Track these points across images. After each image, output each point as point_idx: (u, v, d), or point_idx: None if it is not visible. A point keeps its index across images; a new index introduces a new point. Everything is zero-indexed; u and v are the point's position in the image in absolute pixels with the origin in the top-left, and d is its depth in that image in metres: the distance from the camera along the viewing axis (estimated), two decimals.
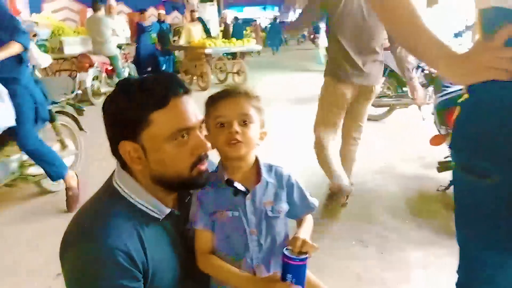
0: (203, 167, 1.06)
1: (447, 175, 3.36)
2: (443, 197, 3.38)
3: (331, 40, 2.94)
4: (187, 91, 1.04)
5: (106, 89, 7.60)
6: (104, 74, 7.49)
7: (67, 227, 1.03)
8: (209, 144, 1.07)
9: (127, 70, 8.09)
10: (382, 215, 3.10)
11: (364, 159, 4.19)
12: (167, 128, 0.99)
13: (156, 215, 1.05)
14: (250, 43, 9.60)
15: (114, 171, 1.09)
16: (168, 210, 1.06)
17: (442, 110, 2.89)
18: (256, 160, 1.17)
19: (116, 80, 7.74)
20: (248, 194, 1.10)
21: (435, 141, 3.00)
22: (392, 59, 5.56)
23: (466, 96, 1.26)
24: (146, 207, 1.04)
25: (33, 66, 6.01)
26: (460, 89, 2.84)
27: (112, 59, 7.53)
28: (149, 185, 1.05)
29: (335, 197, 3.13)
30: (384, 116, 5.97)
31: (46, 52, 7.24)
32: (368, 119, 5.81)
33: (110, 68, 7.59)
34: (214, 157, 1.19)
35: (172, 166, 1.02)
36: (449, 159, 3.33)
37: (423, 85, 4.56)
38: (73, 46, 8.46)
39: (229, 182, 1.09)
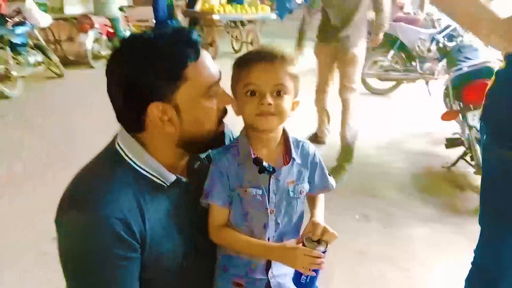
0: (224, 123, 1.02)
1: (454, 152, 3.30)
2: (449, 174, 3.32)
3: (322, 10, 3.50)
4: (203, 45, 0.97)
5: (106, 52, 7.42)
6: (104, 37, 7.29)
7: (64, 191, 0.94)
8: (230, 97, 1.00)
9: (128, 33, 7.87)
10: (386, 190, 3.04)
11: (369, 133, 4.12)
12: (203, 82, 0.92)
13: (160, 183, 0.96)
14: (264, 11, 8.57)
15: (115, 135, 0.99)
16: (174, 178, 0.97)
17: (458, 85, 2.78)
18: (285, 134, 1.07)
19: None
20: (273, 173, 1.01)
21: (447, 116, 2.90)
22: (403, 32, 5.48)
23: (502, 65, 1.17)
24: (151, 174, 0.95)
25: (32, 25, 5.84)
26: (479, 63, 2.73)
27: (113, 21, 7.31)
28: (164, 149, 0.96)
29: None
30: (391, 91, 5.84)
31: (46, 11, 7.00)
32: (374, 93, 5.83)
33: (111, 30, 7.37)
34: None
35: (207, 123, 0.96)
36: (457, 135, 3.25)
37: (435, 59, 4.43)
38: (74, 6, 8.18)
39: (257, 162, 0.99)
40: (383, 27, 3.51)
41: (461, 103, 2.81)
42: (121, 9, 7.61)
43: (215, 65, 0.96)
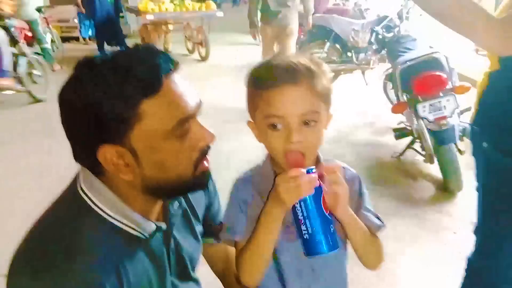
0: (206, 163, 0.82)
1: (400, 141, 3.36)
2: (399, 164, 3.37)
3: None
4: (176, 66, 0.76)
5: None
6: (22, 41, 6.66)
7: (18, 247, 0.75)
8: (213, 134, 0.80)
9: (49, 36, 7.28)
10: None
11: None
12: (164, 121, 0.73)
13: (138, 234, 0.80)
14: (209, 8, 7.53)
15: (77, 175, 0.81)
16: (153, 227, 0.81)
17: (406, 77, 2.81)
18: (317, 158, 0.90)
19: (37, 47, 6.94)
20: None
21: (397, 109, 2.93)
22: (337, 24, 5.55)
23: (495, 67, 1.12)
24: (126, 224, 0.78)
25: None
26: (426, 55, 2.78)
27: (31, 23, 6.70)
28: (132, 196, 0.79)
29: None
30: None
31: None
32: None
33: (29, 34, 6.76)
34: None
35: (173, 169, 0.77)
36: (402, 125, 3.31)
37: (375, 50, 4.51)
38: None
39: None
40: (310, 11, 4.72)
41: (409, 95, 2.85)
42: (39, 10, 6.99)
43: (191, 92, 0.77)
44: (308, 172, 0.76)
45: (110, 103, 0.69)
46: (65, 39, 8.84)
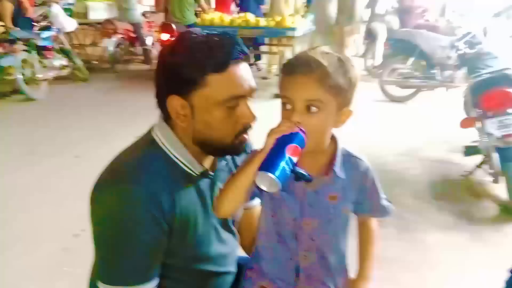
0: (246, 136, 1.03)
1: (472, 160, 3.28)
2: (466, 182, 3.29)
3: None
4: (247, 58, 0.99)
5: (129, 57, 7.60)
6: (127, 42, 7.47)
7: (101, 172, 1.01)
8: (255, 116, 1.00)
9: (150, 38, 8.03)
10: (403, 197, 3.04)
11: (387, 141, 4.13)
12: (220, 93, 0.95)
13: (190, 172, 1.02)
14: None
15: (153, 124, 1.06)
16: (202, 169, 1.03)
17: (477, 92, 2.78)
18: (334, 145, 1.01)
19: (139, 48, 7.72)
20: (310, 182, 0.95)
21: (466, 123, 2.90)
22: (423, 39, 5.45)
23: None
24: (182, 162, 1.01)
25: (58, 29, 6.03)
26: (498, 70, 2.73)
27: (135, 26, 7.48)
28: (189, 143, 1.02)
29: None
30: (409, 98, 5.80)
31: (71, 16, 7.23)
32: (393, 100, 5.81)
33: (134, 35, 7.54)
34: None
35: (217, 131, 0.98)
36: (476, 143, 3.23)
37: (455, 66, 4.40)
38: (98, 12, 8.44)
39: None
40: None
41: (479, 110, 2.80)
42: (143, 14, 7.79)
43: (249, 79, 0.98)
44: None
45: (188, 66, 0.93)
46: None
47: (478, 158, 3.19)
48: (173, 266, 1.03)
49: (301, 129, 0.90)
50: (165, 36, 6.07)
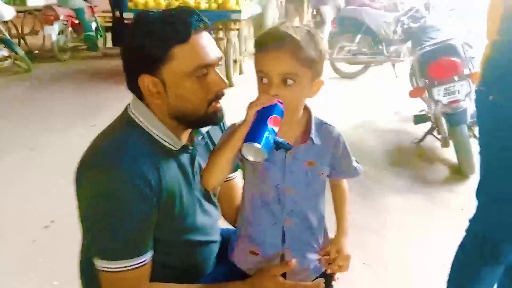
0: (218, 105, 1.05)
1: (422, 128, 3.50)
2: (418, 149, 3.53)
3: None
4: (207, 26, 1.01)
5: (73, 44, 7.27)
6: (70, 28, 7.13)
7: (83, 154, 1.01)
8: (226, 82, 1.03)
9: (94, 24, 7.72)
10: (363, 166, 3.15)
11: (343, 115, 4.29)
12: (188, 64, 0.97)
13: (171, 147, 1.04)
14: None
15: (128, 104, 1.07)
16: (182, 143, 1.06)
17: (424, 63, 2.95)
18: (308, 114, 1.08)
19: (83, 34, 7.40)
20: (290, 150, 1.02)
21: (414, 93, 3.08)
22: (368, 16, 5.65)
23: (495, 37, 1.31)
24: (161, 138, 1.03)
25: None
26: (442, 41, 2.91)
27: (78, 12, 7.16)
28: (165, 119, 1.04)
29: None
30: (359, 74, 6.04)
31: (8, 3, 6.79)
32: (344, 77, 6.01)
33: (76, 21, 7.22)
34: None
35: (190, 101, 1.00)
36: (424, 112, 3.45)
37: (401, 41, 4.62)
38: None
39: None
40: None
41: (426, 80, 2.99)
42: None
43: (214, 48, 1.01)
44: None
45: (151, 44, 0.95)
46: (108, 29, 9.32)
47: (427, 126, 3.41)
48: (161, 239, 1.05)
49: (279, 101, 0.95)
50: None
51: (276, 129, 0.94)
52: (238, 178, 1.32)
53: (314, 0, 7.43)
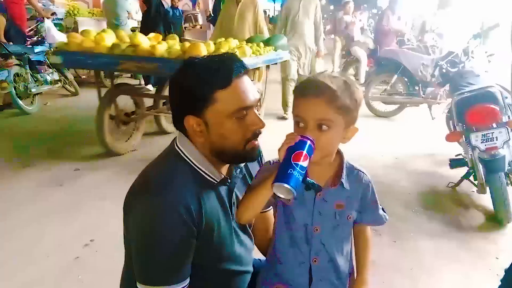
0: (256, 142, 1.13)
1: (457, 172, 3.46)
2: (453, 193, 3.47)
3: None
4: (247, 71, 1.10)
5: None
6: None
7: (134, 182, 1.11)
8: (263, 122, 1.12)
9: None
10: (394, 207, 3.19)
11: (376, 154, 4.30)
12: (229, 106, 1.06)
13: (211, 180, 1.13)
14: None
15: (174, 138, 1.17)
16: (222, 176, 1.15)
17: (462, 108, 2.97)
18: (340, 159, 1.14)
19: None
20: (320, 192, 1.08)
21: (451, 137, 3.08)
22: (406, 57, 5.71)
23: None
24: (203, 171, 1.11)
25: (50, 44, 6.07)
26: (481, 88, 2.93)
27: None
28: (207, 154, 1.13)
29: None
30: (394, 114, 6.04)
31: (61, 31, 7.27)
32: (379, 116, 6.03)
33: None
34: None
35: (230, 140, 1.09)
36: (460, 156, 3.42)
37: (438, 84, 4.64)
38: (87, 27, 8.45)
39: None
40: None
41: (464, 125, 2.99)
42: (133, 30, 7.87)
43: (253, 91, 1.10)
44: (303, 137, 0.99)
45: (197, 88, 1.06)
46: None
47: (463, 171, 3.37)
48: (200, 266, 1.12)
49: (303, 136, 1.00)
50: None
51: (304, 163, 0.97)
52: (271, 211, 1.38)
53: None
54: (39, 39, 6.11)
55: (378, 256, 2.52)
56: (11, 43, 5.50)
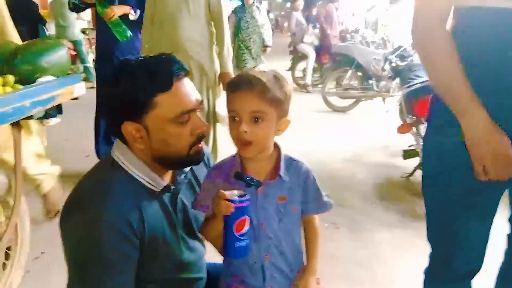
0: (200, 145, 1.10)
1: (411, 163, 3.57)
2: (407, 183, 3.58)
3: None
4: (187, 73, 1.06)
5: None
6: None
7: (68, 197, 1.04)
8: (207, 124, 1.09)
9: (91, 55, 7.85)
10: (352, 200, 3.25)
11: (334, 148, 4.37)
12: (171, 110, 1.01)
13: (153, 188, 1.07)
14: None
15: (113, 146, 1.11)
16: (164, 184, 1.09)
17: (411, 100, 3.06)
18: (277, 152, 1.14)
19: (79, 65, 7.53)
20: (260, 187, 1.08)
21: (402, 129, 3.17)
22: (359, 53, 5.85)
23: None
24: (144, 179, 1.06)
25: None
26: (425, 81, 3.03)
27: (75, 44, 7.30)
28: (148, 161, 1.07)
29: None
30: (351, 108, 6.18)
31: None
32: (335, 110, 6.15)
33: (73, 53, 7.35)
34: None
35: (173, 145, 1.04)
36: (413, 147, 3.53)
37: (389, 77, 4.77)
38: None
39: (238, 176, 1.07)
40: None
41: (413, 117, 3.08)
42: (83, 31, 7.63)
43: (194, 93, 1.06)
44: (240, 198, 1.00)
45: (135, 93, 0.99)
46: None
47: (416, 161, 3.48)
48: (148, 278, 1.08)
49: (241, 201, 1.00)
50: None
51: (247, 226, 1.02)
52: None
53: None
54: None
55: (337, 249, 2.56)
56: None
